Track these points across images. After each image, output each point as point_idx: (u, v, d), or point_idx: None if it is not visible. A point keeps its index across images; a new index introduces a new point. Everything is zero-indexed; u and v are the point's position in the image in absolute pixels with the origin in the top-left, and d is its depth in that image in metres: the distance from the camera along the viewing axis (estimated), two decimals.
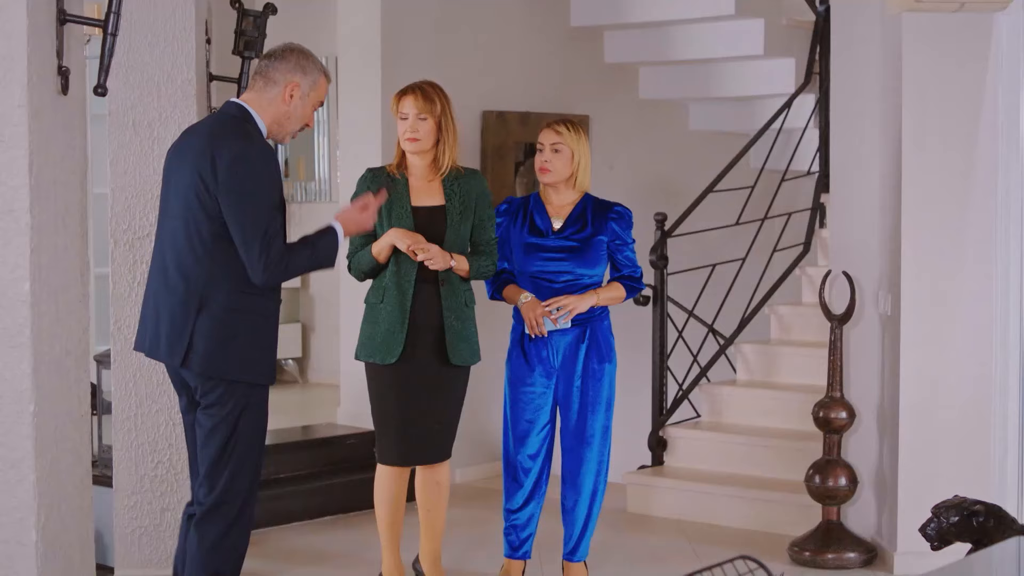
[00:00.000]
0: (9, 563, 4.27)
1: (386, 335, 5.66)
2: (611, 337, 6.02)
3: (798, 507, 7.02)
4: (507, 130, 8.70)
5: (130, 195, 6.11)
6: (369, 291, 5.77)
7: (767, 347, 8.16)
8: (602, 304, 5.95)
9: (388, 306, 5.67)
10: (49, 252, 4.38)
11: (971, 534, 4.60)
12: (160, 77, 6.07)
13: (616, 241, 5.97)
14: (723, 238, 8.43)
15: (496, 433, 8.58)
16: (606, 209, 6.00)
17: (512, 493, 6.06)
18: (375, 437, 5.83)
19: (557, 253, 5.96)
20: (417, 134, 5.70)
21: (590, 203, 6.01)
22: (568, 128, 5.97)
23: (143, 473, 6.14)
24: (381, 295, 5.70)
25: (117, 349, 6.12)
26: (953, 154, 6.30)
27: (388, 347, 5.66)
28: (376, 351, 5.69)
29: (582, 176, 5.99)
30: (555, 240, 5.97)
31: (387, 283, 5.68)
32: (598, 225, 5.96)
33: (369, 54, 8.18)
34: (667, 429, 7.92)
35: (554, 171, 5.96)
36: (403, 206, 5.70)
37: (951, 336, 6.34)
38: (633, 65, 9.45)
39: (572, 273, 5.94)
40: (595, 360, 5.95)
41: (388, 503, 5.79)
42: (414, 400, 5.71)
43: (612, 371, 6.00)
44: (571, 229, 5.97)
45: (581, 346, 5.94)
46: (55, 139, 4.44)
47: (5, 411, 4.24)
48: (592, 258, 5.95)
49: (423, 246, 5.61)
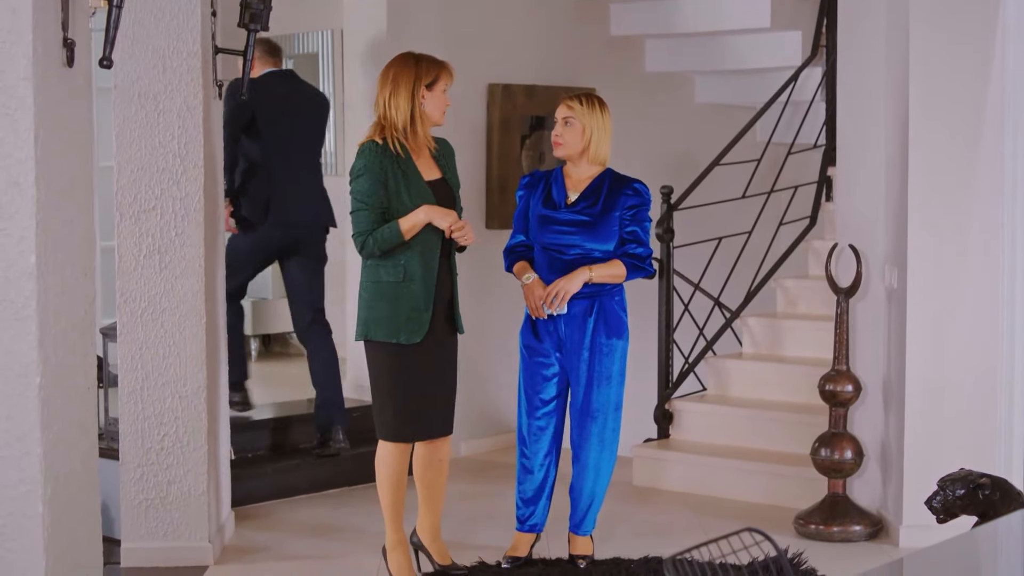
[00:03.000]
0: (15, 536, 4.27)
1: (411, 313, 5.64)
2: (622, 313, 6.00)
3: (804, 480, 7.03)
4: (513, 103, 8.68)
5: (135, 168, 6.10)
6: (381, 269, 5.66)
7: (773, 320, 8.15)
8: (598, 281, 5.92)
9: (413, 285, 5.64)
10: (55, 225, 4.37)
11: (977, 507, 4.60)
12: (166, 50, 6.05)
13: (626, 216, 5.95)
14: (729, 211, 8.42)
15: (501, 405, 8.60)
16: (623, 185, 5.98)
17: (521, 465, 6.11)
18: (383, 415, 5.76)
19: (568, 227, 5.96)
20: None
21: (608, 178, 6.00)
22: (581, 103, 5.97)
23: (149, 446, 6.15)
24: (401, 273, 5.64)
25: (123, 322, 6.12)
26: (960, 127, 6.28)
27: (416, 326, 5.65)
28: (400, 330, 5.65)
29: (594, 150, 5.98)
30: (566, 213, 5.98)
31: (408, 261, 5.64)
32: (612, 201, 5.95)
33: (375, 26, 8.16)
34: (673, 402, 7.93)
35: (565, 144, 5.98)
36: (420, 182, 5.69)
37: (958, 309, 6.33)
38: (639, 37, 9.43)
39: (582, 247, 5.93)
40: (603, 335, 5.94)
41: (396, 479, 5.79)
42: (436, 375, 5.75)
43: (622, 347, 5.99)
44: (584, 203, 5.97)
45: (589, 320, 5.94)
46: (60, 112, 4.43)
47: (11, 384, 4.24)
48: (603, 233, 5.94)
49: (461, 223, 5.66)
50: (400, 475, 5.80)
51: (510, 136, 8.69)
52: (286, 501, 7.33)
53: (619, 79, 9.31)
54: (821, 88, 8.52)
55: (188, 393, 6.14)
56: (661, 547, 6.33)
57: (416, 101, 5.68)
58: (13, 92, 4.17)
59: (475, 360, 8.29)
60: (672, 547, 6.23)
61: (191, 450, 6.16)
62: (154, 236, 6.11)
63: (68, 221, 4.52)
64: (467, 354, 7.47)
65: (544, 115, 8.77)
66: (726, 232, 8.29)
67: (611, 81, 9.19)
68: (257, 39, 6.33)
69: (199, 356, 6.14)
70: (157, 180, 6.09)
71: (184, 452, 6.16)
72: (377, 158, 5.64)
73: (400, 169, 5.65)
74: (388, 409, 5.74)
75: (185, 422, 6.14)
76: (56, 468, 4.38)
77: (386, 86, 5.71)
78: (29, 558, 4.29)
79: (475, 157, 8.50)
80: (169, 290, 6.11)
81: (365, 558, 6.29)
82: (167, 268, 6.11)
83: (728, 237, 8.25)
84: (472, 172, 8.27)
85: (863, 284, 6.74)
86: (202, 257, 6.13)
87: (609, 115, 6.03)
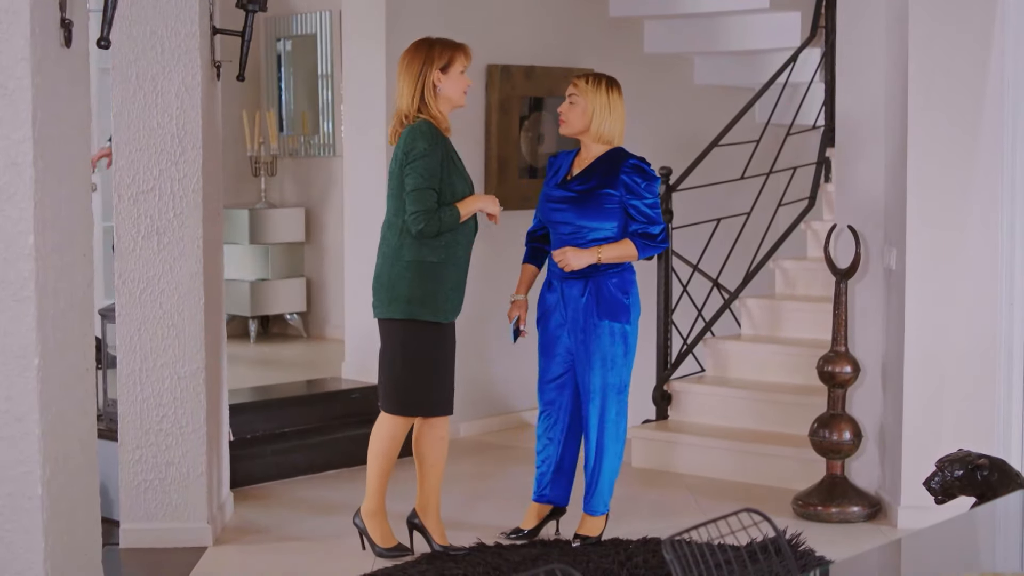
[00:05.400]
0: (14, 517, 4.28)
1: (451, 293, 5.81)
2: (621, 295, 6.00)
3: (802, 461, 7.03)
4: (512, 84, 8.67)
5: (133, 149, 6.09)
6: (424, 250, 5.74)
7: (772, 301, 8.16)
8: (607, 262, 5.94)
9: (455, 265, 5.81)
10: (53, 206, 4.37)
11: (975, 488, 4.61)
12: (163, 30, 6.04)
13: (628, 194, 5.95)
14: (728, 192, 8.42)
15: (501, 387, 8.62)
16: (621, 162, 5.98)
17: (536, 436, 6.24)
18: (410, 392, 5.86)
19: (559, 203, 6.03)
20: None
21: (610, 156, 6.01)
22: (587, 81, 6.03)
23: (148, 427, 6.16)
24: (443, 254, 5.76)
25: (122, 303, 6.12)
26: (959, 107, 6.27)
27: (456, 304, 5.86)
28: (440, 309, 5.79)
29: (596, 128, 6.00)
30: (559, 190, 6.05)
31: (451, 242, 5.78)
32: (608, 178, 5.95)
33: (374, 7, 8.14)
34: (672, 384, 7.93)
35: (568, 122, 6.04)
36: (461, 167, 5.89)
37: (956, 290, 6.32)
38: (638, 19, 9.41)
39: (572, 224, 5.97)
40: (595, 315, 5.96)
41: (395, 452, 5.95)
42: (453, 352, 5.97)
43: (619, 329, 5.98)
44: (578, 180, 5.99)
45: (582, 300, 5.97)
46: (58, 92, 4.43)
47: (10, 365, 4.24)
48: (592, 210, 5.94)
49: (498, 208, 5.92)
50: (398, 448, 5.97)
51: (509, 117, 8.68)
52: (285, 482, 7.34)
53: (618, 60, 9.28)
54: (820, 69, 8.51)
55: (187, 374, 6.14)
56: (660, 528, 6.34)
57: (426, 84, 5.78)
58: (11, 73, 4.17)
59: (476, 342, 8.29)
60: (671, 528, 6.24)
61: (190, 431, 6.16)
62: (152, 217, 6.10)
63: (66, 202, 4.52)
64: (468, 336, 7.48)
65: (543, 96, 8.76)
66: (725, 213, 8.29)
67: (610, 62, 9.15)
68: None
69: (198, 337, 6.14)
70: (155, 161, 6.09)
71: (183, 433, 6.16)
72: (437, 138, 5.77)
73: (447, 151, 5.80)
74: (426, 386, 5.85)
75: (184, 403, 6.15)
76: (55, 449, 4.38)
77: (400, 75, 5.86)
78: (28, 539, 4.29)
79: (474, 138, 8.49)
80: (167, 271, 6.11)
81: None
82: (165, 249, 6.11)
83: (727, 218, 8.25)
84: (471, 153, 8.26)
85: (862, 265, 6.74)
86: (200, 238, 6.12)
87: (620, 96, 6.06)
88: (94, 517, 4.86)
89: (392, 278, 5.78)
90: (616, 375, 6.00)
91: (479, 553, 6.00)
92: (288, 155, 10.32)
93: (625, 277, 6.02)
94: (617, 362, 5.99)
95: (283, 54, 10.39)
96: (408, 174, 5.71)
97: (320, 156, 10.16)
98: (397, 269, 5.77)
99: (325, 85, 10.12)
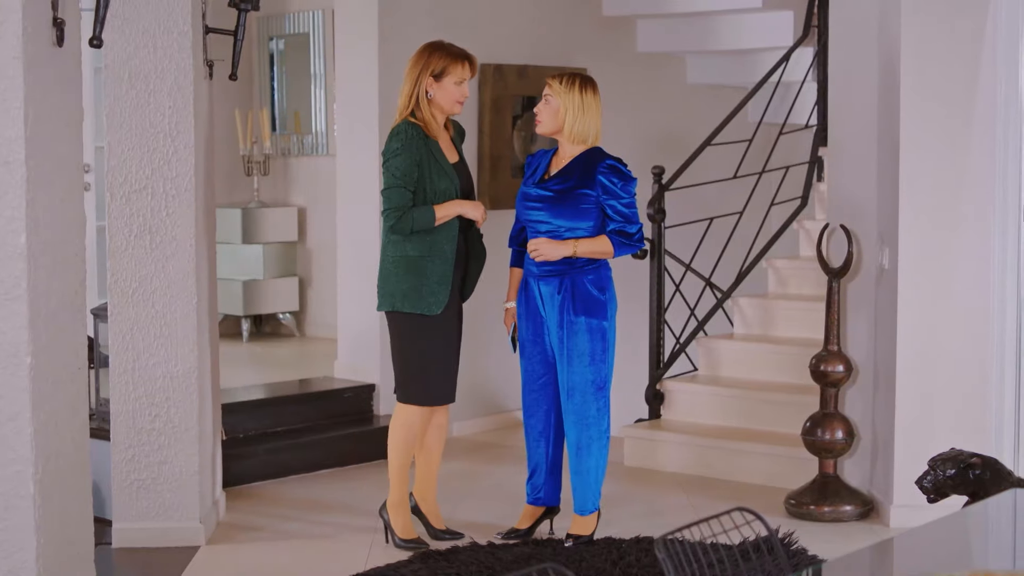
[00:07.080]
0: (7, 516, 4.27)
1: (436, 286, 5.93)
2: (596, 292, 5.99)
3: (795, 460, 7.04)
4: (504, 83, 8.67)
5: (126, 148, 6.09)
6: (407, 244, 5.91)
7: (764, 301, 8.16)
8: (582, 255, 5.95)
9: (440, 258, 5.94)
10: (45, 205, 4.36)
11: (967, 487, 4.62)
12: (156, 29, 6.03)
13: (604, 195, 5.95)
14: (721, 191, 8.42)
15: (492, 387, 8.61)
16: (597, 162, 5.98)
17: (524, 438, 6.28)
18: (412, 382, 6.00)
19: (536, 202, 6.06)
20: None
21: (587, 156, 6.01)
22: (561, 81, 6.04)
23: (140, 426, 6.15)
24: (427, 249, 5.90)
25: (114, 302, 6.12)
26: (952, 106, 6.27)
27: (441, 296, 5.94)
28: (423, 301, 5.92)
29: (569, 128, 6.00)
30: (536, 189, 6.07)
31: (435, 237, 5.92)
32: (585, 179, 5.96)
33: (366, 6, 8.13)
34: (664, 383, 7.93)
35: (542, 122, 6.08)
36: (446, 166, 5.99)
37: (949, 289, 6.33)
38: (631, 18, 9.41)
39: (549, 224, 5.99)
40: (571, 312, 5.97)
41: (413, 441, 6.08)
42: (452, 343, 6.07)
43: (596, 325, 5.98)
44: (555, 180, 6.02)
45: (557, 297, 5.98)
46: (50, 91, 4.42)
47: (2, 364, 4.24)
48: (569, 210, 5.95)
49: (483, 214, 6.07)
50: (416, 437, 6.09)
51: (502, 116, 8.68)
52: (278, 481, 7.33)
53: (611, 59, 9.30)
54: (813, 68, 8.51)
55: (179, 373, 6.13)
56: (652, 527, 6.34)
57: (420, 88, 5.96)
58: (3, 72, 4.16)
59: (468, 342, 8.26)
60: (663, 527, 6.24)
61: (182, 430, 6.16)
62: (144, 216, 6.10)
63: (59, 201, 4.51)
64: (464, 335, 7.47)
65: (536, 95, 8.76)
66: (717, 212, 8.29)
67: (603, 61, 9.18)
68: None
69: (190, 336, 6.13)
70: (148, 160, 6.08)
71: (175, 432, 6.15)
72: (412, 139, 5.90)
73: (430, 151, 5.92)
74: (419, 376, 6.00)
75: (176, 402, 6.14)
76: (47, 448, 4.38)
77: (405, 73, 6.03)
78: (20, 537, 4.29)
79: (467, 137, 8.46)
80: (160, 270, 6.10)
81: (357, 536, 6.30)
82: (157, 248, 6.10)
83: (719, 217, 8.26)
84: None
85: (854, 264, 6.74)
86: (193, 237, 6.11)
87: (595, 95, 6.03)
88: (86, 516, 4.85)
89: (383, 273, 6.00)
90: (595, 371, 6.00)
91: (472, 552, 6.00)
92: (281, 154, 10.31)
93: (601, 274, 6.02)
94: (596, 358, 5.99)
95: (276, 53, 10.38)
96: (383, 173, 5.97)
97: (313, 155, 10.16)
98: (386, 264, 5.99)
99: (318, 84, 10.11)
